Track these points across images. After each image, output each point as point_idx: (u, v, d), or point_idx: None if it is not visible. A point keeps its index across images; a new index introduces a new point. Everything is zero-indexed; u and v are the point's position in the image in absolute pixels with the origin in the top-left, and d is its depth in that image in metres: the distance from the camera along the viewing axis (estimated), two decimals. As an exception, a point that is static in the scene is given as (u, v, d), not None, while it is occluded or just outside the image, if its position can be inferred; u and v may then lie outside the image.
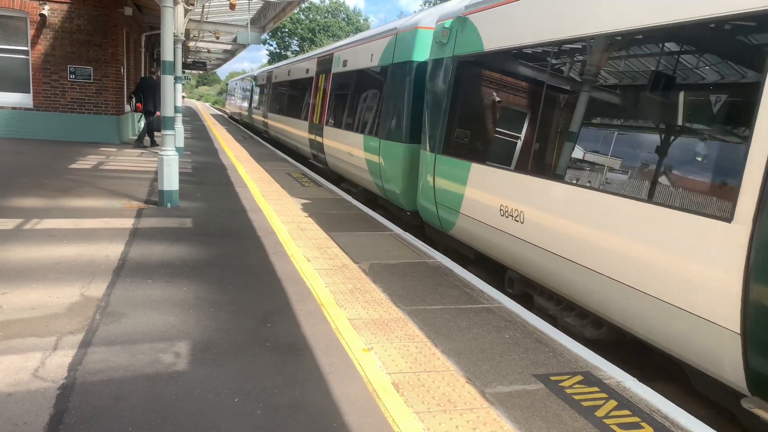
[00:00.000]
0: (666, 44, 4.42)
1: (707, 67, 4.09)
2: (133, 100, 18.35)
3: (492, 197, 6.32)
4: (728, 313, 3.65)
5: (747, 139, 3.59)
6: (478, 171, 6.71)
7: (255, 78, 31.53)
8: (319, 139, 14.49)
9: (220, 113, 57.44)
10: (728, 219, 3.67)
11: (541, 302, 6.01)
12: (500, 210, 6.14)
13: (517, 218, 5.82)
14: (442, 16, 8.13)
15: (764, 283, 3.44)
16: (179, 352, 4.08)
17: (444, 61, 7.75)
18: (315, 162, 16.04)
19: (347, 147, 11.90)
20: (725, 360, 3.75)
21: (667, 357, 4.51)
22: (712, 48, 4.07)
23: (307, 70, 17.19)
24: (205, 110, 58.84)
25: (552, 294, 5.89)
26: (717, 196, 3.82)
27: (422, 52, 9.14)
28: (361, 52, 11.90)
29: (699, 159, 4.05)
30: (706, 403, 4.68)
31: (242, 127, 35.05)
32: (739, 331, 3.59)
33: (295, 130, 17.84)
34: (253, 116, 30.27)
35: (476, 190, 6.73)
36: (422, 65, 9.08)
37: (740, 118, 3.76)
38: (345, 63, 13.11)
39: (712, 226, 3.78)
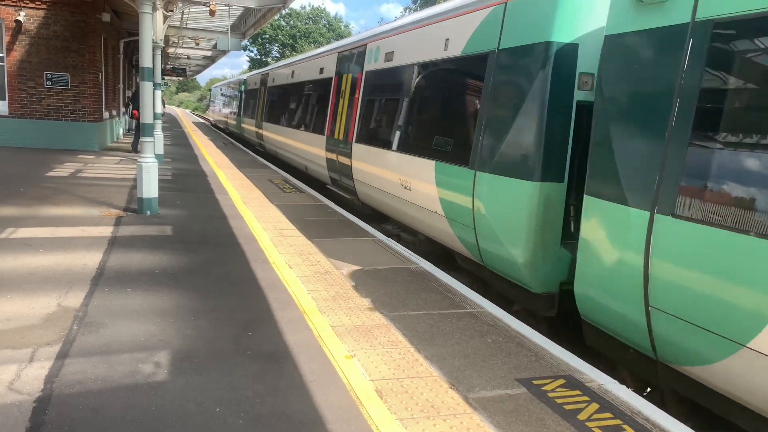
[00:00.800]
0: None
1: None
2: (131, 107, 18.77)
3: None
4: None
5: None
6: None
7: (244, 82, 27.87)
8: (344, 160, 10.94)
9: (202, 121, 55.16)
10: None
11: None
12: None
13: None
14: None
15: None
16: (159, 361, 4.03)
17: (665, 33, 4.25)
18: (336, 189, 12.37)
19: (399, 176, 8.34)
20: None
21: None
22: None
23: (322, 70, 13.61)
24: (185, 117, 58.40)
25: None
26: None
27: (569, 27, 5.62)
28: (423, 39, 8.31)
29: None
30: (690, 406, 4.73)
31: (229, 137, 32.18)
32: None
33: (304, 146, 14.22)
34: (244, 126, 26.43)
35: None
36: (568, 50, 5.61)
37: None
38: (389, 56, 9.40)
39: None
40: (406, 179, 8.08)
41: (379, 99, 9.85)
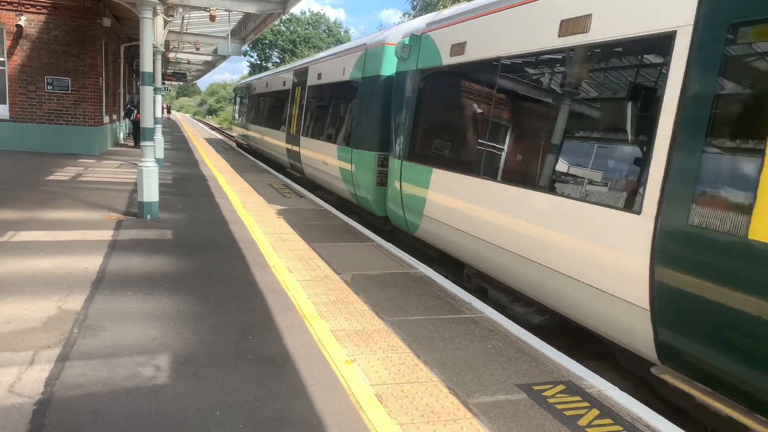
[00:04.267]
0: None
1: None
2: (135, 111, 19.44)
3: None
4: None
5: None
6: None
7: (376, 55, 10.16)
8: None
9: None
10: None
11: None
12: None
13: None
14: None
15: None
16: (159, 365, 4.02)
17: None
18: None
19: None
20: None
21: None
22: None
23: None
24: (185, 121, 58.46)
25: None
26: None
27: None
28: None
29: None
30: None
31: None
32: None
33: None
34: (411, 188, 8.19)
35: None
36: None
37: None
38: None
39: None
40: None
41: None
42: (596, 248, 4.71)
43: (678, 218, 3.91)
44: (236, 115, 31.33)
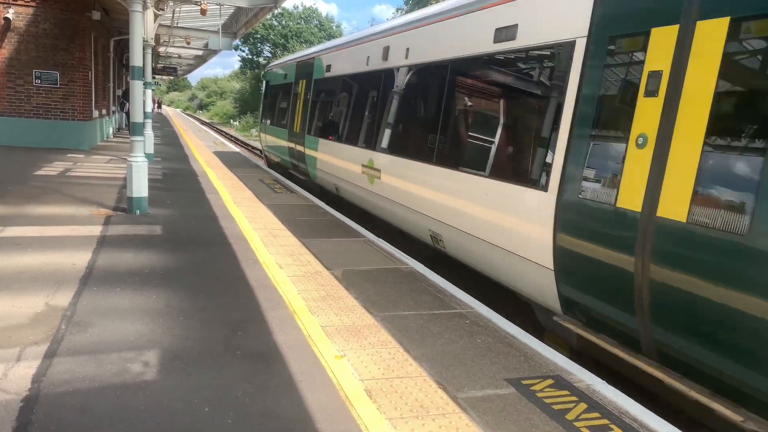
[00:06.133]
0: None
1: None
2: (127, 104, 19.79)
3: None
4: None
5: None
6: None
7: None
8: None
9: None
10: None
11: None
12: None
13: None
14: None
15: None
16: (148, 361, 4.01)
17: None
18: None
19: None
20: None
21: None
22: None
23: None
24: (176, 116, 58.13)
25: None
26: None
27: None
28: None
29: None
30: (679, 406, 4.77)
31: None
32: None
33: None
34: None
35: None
36: None
37: None
38: None
39: None
40: None
41: None
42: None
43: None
44: (270, 119, 17.81)
